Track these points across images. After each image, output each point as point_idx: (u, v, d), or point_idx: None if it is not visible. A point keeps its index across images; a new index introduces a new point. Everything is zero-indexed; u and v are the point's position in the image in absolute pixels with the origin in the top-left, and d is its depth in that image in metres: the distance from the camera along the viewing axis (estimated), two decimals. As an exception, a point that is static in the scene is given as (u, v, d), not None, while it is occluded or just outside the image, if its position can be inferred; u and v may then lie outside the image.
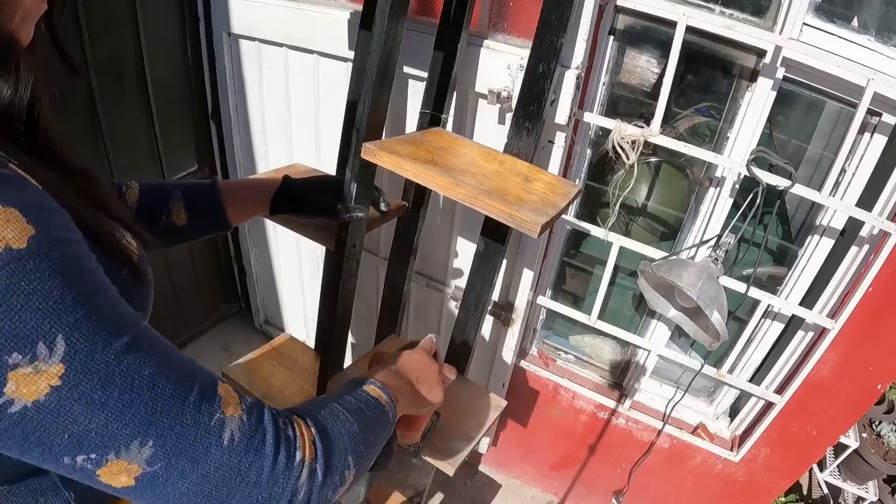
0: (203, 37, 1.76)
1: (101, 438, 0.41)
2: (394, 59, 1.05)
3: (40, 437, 0.39)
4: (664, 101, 1.26)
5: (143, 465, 0.43)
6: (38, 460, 0.41)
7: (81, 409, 0.39)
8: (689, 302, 1.32)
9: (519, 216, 0.89)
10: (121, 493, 0.45)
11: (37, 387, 0.37)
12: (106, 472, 0.42)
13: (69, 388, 0.39)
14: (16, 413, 0.38)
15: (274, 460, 0.49)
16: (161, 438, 0.43)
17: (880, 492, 2.25)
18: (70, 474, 0.43)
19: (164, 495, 0.45)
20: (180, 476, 0.44)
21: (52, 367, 0.38)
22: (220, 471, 0.46)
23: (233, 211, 0.97)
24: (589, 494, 2.14)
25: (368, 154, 1.00)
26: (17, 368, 0.36)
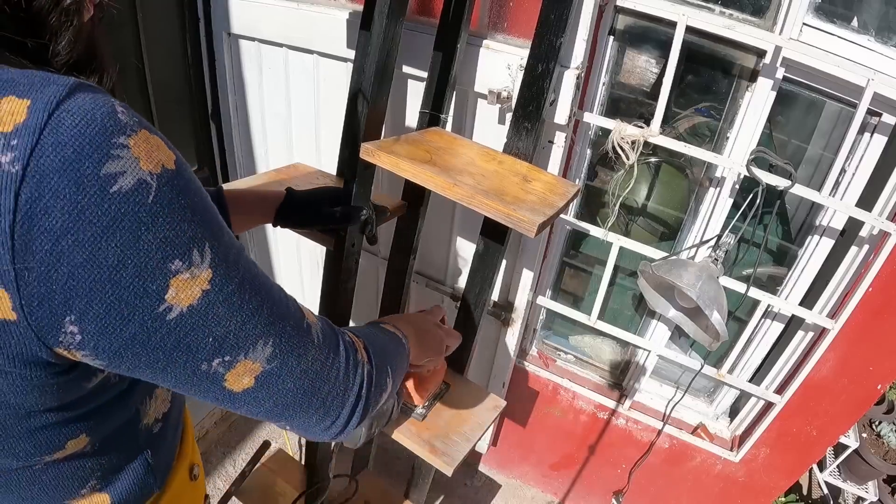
0: (203, 37, 1.76)
1: (236, 339, 0.46)
2: (392, 59, 1.05)
3: (189, 342, 0.43)
4: (664, 101, 1.26)
5: (263, 364, 0.49)
6: (179, 370, 0.45)
7: (225, 310, 0.44)
8: (689, 302, 1.32)
9: (516, 216, 0.89)
10: (238, 398, 0.50)
11: (192, 291, 0.42)
12: (233, 374, 0.47)
13: (216, 291, 0.43)
14: (173, 319, 0.41)
15: (346, 358, 0.57)
16: (278, 338, 0.49)
17: (880, 492, 2.25)
18: (197, 385, 0.47)
19: (276, 393, 0.51)
20: (289, 372, 0.51)
21: (203, 273, 0.42)
22: (315, 365, 0.53)
23: (236, 220, 0.99)
24: (589, 494, 2.14)
25: (367, 154, 1.00)
26: (178, 275, 0.40)
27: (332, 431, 0.58)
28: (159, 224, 0.39)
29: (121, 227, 0.37)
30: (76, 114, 0.35)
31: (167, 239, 0.39)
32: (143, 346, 0.42)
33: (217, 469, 2.06)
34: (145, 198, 0.38)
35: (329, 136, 1.71)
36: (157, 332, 0.41)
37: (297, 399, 0.53)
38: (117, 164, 0.36)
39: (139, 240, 0.38)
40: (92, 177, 0.35)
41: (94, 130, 0.36)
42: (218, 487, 2.00)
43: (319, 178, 1.39)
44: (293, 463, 1.67)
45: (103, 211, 0.36)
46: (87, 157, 0.35)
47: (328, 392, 0.55)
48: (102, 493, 0.60)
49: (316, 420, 0.56)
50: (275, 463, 1.65)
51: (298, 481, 1.59)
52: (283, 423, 0.55)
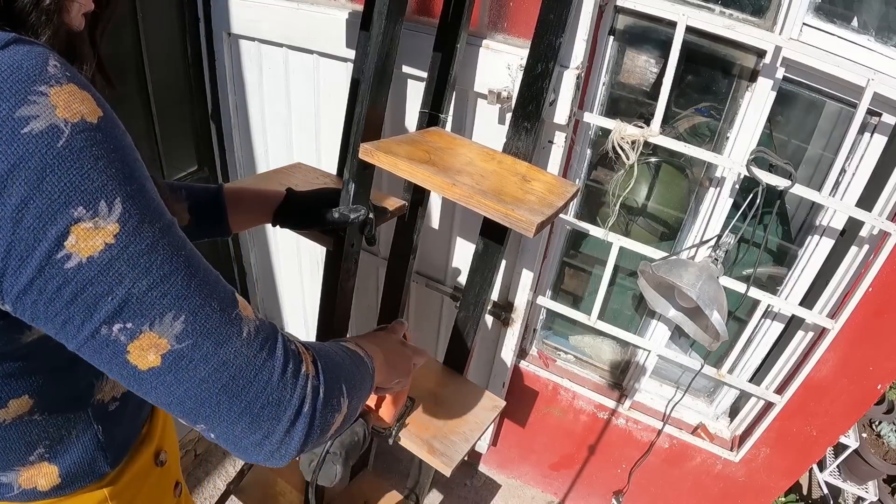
0: (203, 37, 1.76)
1: (140, 305, 0.43)
2: (392, 59, 1.05)
3: (87, 297, 0.42)
4: (664, 101, 1.26)
5: (172, 342, 0.45)
6: (77, 328, 0.43)
7: (128, 270, 0.42)
8: (689, 302, 1.32)
9: (514, 216, 0.89)
10: (144, 379, 0.46)
11: (94, 242, 0.41)
12: (136, 346, 0.44)
13: (121, 247, 0.42)
14: (71, 269, 0.40)
15: (284, 365, 0.51)
16: (192, 315, 0.46)
17: (880, 492, 2.24)
18: (98, 352, 0.45)
19: (186, 381, 0.47)
20: (203, 359, 0.47)
21: (109, 226, 0.41)
22: (238, 360, 0.48)
23: (235, 219, 0.99)
24: (589, 495, 2.14)
25: (366, 154, 1.00)
26: (80, 222, 0.40)
27: (266, 449, 0.51)
28: (66, 169, 0.39)
29: (26, 166, 0.38)
30: (3, 63, 0.37)
31: (72, 184, 0.39)
32: (41, 294, 0.41)
33: (217, 469, 2.06)
34: (55, 142, 0.38)
35: (329, 135, 1.71)
36: (53, 279, 0.41)
37: (214, 395, 0.48)
38: (32, 109, 0.37)
39: (43, 181, 0.38)
40: (5, 118, 0.37)
41: (17, 77, 0.37)
42: (218, 487, 2.00)
43: (320, 178, 1.39)
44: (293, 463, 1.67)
45: (11, 150, 0.37)
46: (4, 100, 0.37)
47: (256, 397, 0.49)
48: (51, 463, 0.61)
49: (243, 430, 0.50)
50: (275, 463, 1.65)
51: (299, 481, 1.59)
52: (202, 425, 0.50)
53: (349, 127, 1.37)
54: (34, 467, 0.60)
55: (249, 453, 0.52)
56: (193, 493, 1.96)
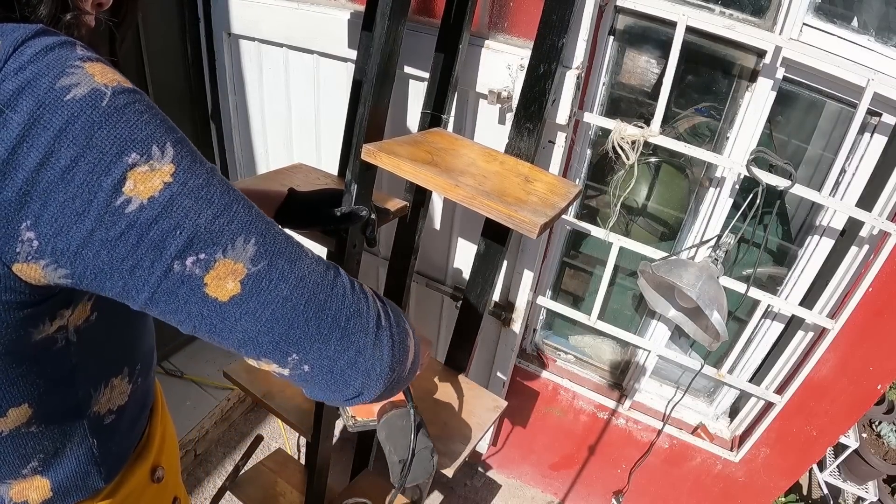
0: (203, 37, 1.76)
1: (209, 234, 0.44)
2: (394, 60, 1.05)
3: (154, 236, 0.42)
4: (664, 101, 1.26)
5: (247, 265, 0.45)
6: (147, 271, 0.43)
7: (191, 203, 0.43)
8: (689, 302, 1.32)
9: (518, 217, 0.89)
10: (227, 310, 0.46)
11: (152, 183, 0.41)
12: (213, 277, 0.44)
13: (180, 184, 0.42)
14: (132, 212, 0.41)
15: (350, 282, 0.53)
16: (261, 237, 0.47)
17: (880, 492, 2.25)
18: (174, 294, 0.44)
19: (271, 302, 0.47)
20: (281, 277, 0.47)
21: (165, 167, 0.42)
22: (314, 275, 0.49)
23: None
24: (589, 495, 2.14)
25: (368, 155, 1.00)
26: (136, 167, 0.40)
27: (361, 369, 0.52)
28: (113, 123, 0.40)
29: (73, 128, 0.38)
30: (37, 46, 0.38)
31: (122, 136, 0.40)
32: (104, 243, 0.41)
33: (217, 469, 2.06)
34: (99, 102, 0.39)
35: (329, 136, 1.71)
36: (115, 225, 0.41)
37: (301, 313, 0.48)
38: (72, 78, 0.39)
39: (92, 138, 0.39)
40: (47, 90, 0.38)
41: (52, 57, 0.39)
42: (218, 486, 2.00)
43: (321, 179, 1.39)
44: (293, 463, 1.67)
45: (57, 116, 0.38)
46: (44, 75, 0.38)
47: (339, 309, 0.50)
48: (44, 476, 0.60)
49: (335, 349, 0.50)
50: (275, 463, 1.65)
51: (299, 482, 1.59)
52: (295, 355, 0.49)
53: (351, 127, 1.37)
54: (26, 480, 0.59)
55: (347, 379, 0.52)
56: (193, 492, 1.96)
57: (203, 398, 2.14)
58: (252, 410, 2.31)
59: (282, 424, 2.27)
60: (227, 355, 2.45)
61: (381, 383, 0.54)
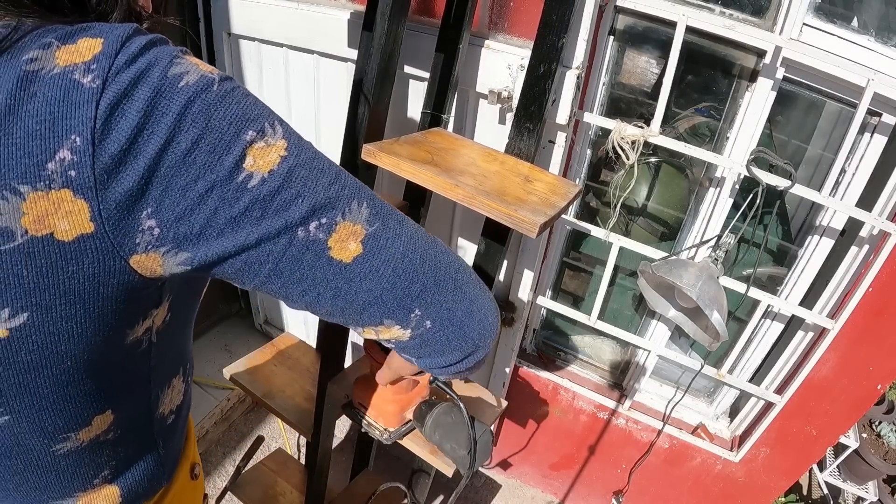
0: (203, 37, 1.76)
1: (328, 199, 0.46)
2: (395, 60, 1.05)
3: (277, 206, 0.43)
4: (664, 101, 1.26)
5: (365, 226, 0.48)
6: (274, 240, 0.44)
7: (308, 173, 0.45)
8: (689, 302, 1.32)
9: (517, 216, 0.90)
10: (353, 271, 0.48)
11: (270, 157, 0.43)
12: (336, 240, 0.47)
13: (294, 156, 0.44)
14: (255, 186, 0.42)
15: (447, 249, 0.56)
16: (371, 200, 0.50)
17: (880, 492, 2.25)
18: (300, 262, 0.46)
19: (391, 259, 0.50)
20: (395, 235, 0.50)
21: (279, 142, 0.44)
22: (420, 234, 0.53)
23: None
24: (589, 495, 2.14)
25: (368, 155, 1.00)
26: (253, 144, 0.42)
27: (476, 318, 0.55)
28: (227, 105, 0.41)
29: (191, 111, 0.40)
30: (141, 42, 0.40)
31: (237, 115, 0.42)
32: (228, 221, 0.42)
33: (217, 469, 2.06)
34: (210, 87, 0.41)
35: (329, 136, 1.71)
36: (239, 201, 0.42)
37: (418, 266, 0.51)
38: (181, 67, 0.40)
39: (210, 119, 0.40)
40: (161, 78, 0.39)
41: (158, 51, 0.40)
42: (218, 487, 2.00)
43: (320, 179, 1.39)
44: (294, 463, 1.67)
45: (174, 102, 0.39)
46: (155, 65, 0.39)
47: (449, 262, 0.54)
48: (113, 484, 0.59)
49: (454, 300, 0.54)
50: (275, 463, 1.65)
51: (299, 482, 1.59)
52: (418, 310, 0.52)
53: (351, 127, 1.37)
54: (95, 491, 0.58)
55: (465, 329, 0.55)
56: (193, 493, 1.96)
57: (203, 398, 2.14)
58: (252, 410, 2.31)
59: (282, 424, 2.27)
60: (228, 355, 2.45)
61: (494, 332, 0.57)
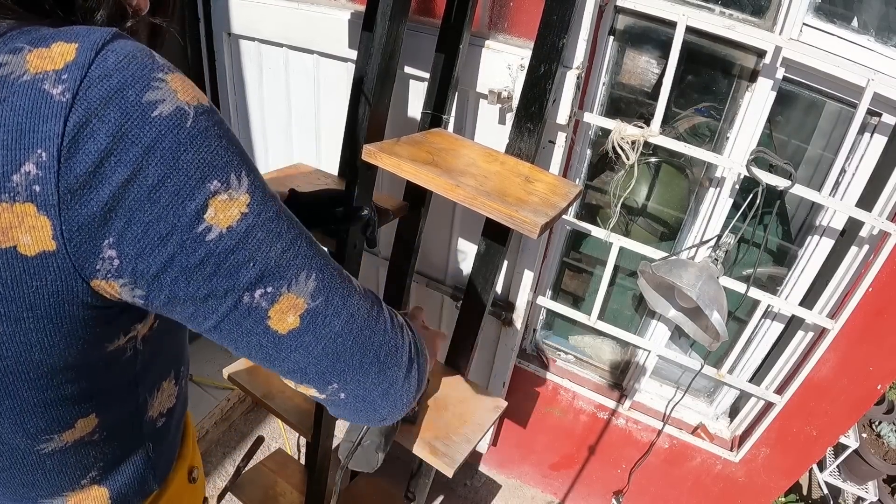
0: (203, 37, 1.76)
1: (278, 267, 0.45)
2: (395, 60, 1.05)
3: (229, 266, 0.43)
4: (664, 101, 1.26)
5: (308, 300, 0.47)
6: (220, 300, 0.44)
7: (264, 235, 0.44)
8: (689, 302, 1.32)
9: (518, 217, 0.90)
10: (284, 342, 0.48)
11: (231, 213, 0.42)
12: (277, 310, 0.46)
13: (254, 215, 0.43)
14: (212, 240, 0.41)
15: (390, 315, 0.57)
16: (320, 273, 0.49)
17: (880, 492, 2.25)
18: (239, 324, 0.46)
19: (324, 337, 0.49)
20: (335, 313, 0.50)
21: (241, 196, 0.43)
22: (361, 312, 0.52)
23: None
24: (589, 495, 2.14)
25: (369, 156, 1.00)
26: (217, 195, 0.41)
27: (391, 398, 0.56)
28: (197, 146, 0.40)
29: (161, 147, 0.38)
30: (119, 52, 0.38)
31: (205, 161, 0.40)
32: (182, 270, 0.42)
33: (217, 469, 2.06)
34: (184, 122, 0.39)
35: (329, 136, 1.71)
36: (195, 252, 0.41)
37: (348, 348, 0.51)
38: (157, 94, 0.38)
39: (178, 160, 0.39)
40: (135, 103, 0.37)
41: (136, 66, 0.38)
42: (217, 487, 2.00)
43: (321, 179, 1.39)
44: (294, 463, 1.67)
45: (145, 133, 0.38)
46: (130, 86, 0.38)
47: (381, 345, 0.54)
48: (101, 486, 0.59)
49: (372, 381, 0.54)
50: (275, 463, 1.65)
51: (299, 482, 1.59)
52: (335, 384, 0.52)
53: (351, 128, 1.37)
54: (84, 491, 0.58)
55: (377, 407, 0.56)
56: (193, 493, 1.96)
57: (203, 398, 2.14)
58: (252, 411, 2.31)
59: (282, 425, 2.27)
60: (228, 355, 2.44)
61: (404, 410, 0.58)
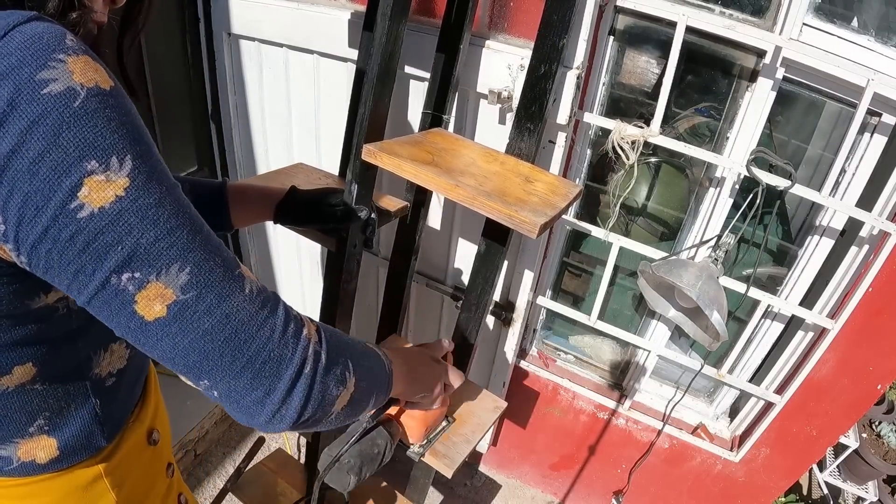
0: (203, 37, 1.76)
1: (147, 255, 0.46)
2: (395, 60, 1.05)
3: (98, 246, 0.44)
4: (664, 101, 1.26)
5: (177, 292, 0.47)
6: (88, 277, 0.45)
7: (137, 221, 0.45)
8: (689, 302, 1.32)
9: (518, 217, 0.90)
10: (150, 330, 0.48)
11: (105, 194, 0.43)
12: (143, 297, 0.46)
13: (130, 200, 0.44)
14: (83, 218, 0.43)
15: (285, 325, 0.54)
16: (196, 268, 0.48)
17: (880, 492, 2.25)
18: (107, 303, 0.47)
19: (191, 332, 0.49)
20: (207, 311, 0.49)
21: (120, 180, 0.44)
22: (241, 315, 0.51)
23: (237, 213, 0.99)
24: (589, 495, 2.14)
25: (369, 155, 1.00)
26: (93, 175, 0.42)
27: (268, 409, 0.52)
28: (80, 126, 0.42)
29: (44, 122, 0.40)
30: (26, 34, 0.41)
31: (86, 141, 0.42)
32: (55, 242, 0.43)
33: (217, 469, 2.06)
34: (71, 102, 0.41)
35: (329, 136, 1.71)
36: (66, 227, 0.43)
37: (217, 348, 0.50)
38: (51, 73, 0.41)
39: (59, 136, 0.41)
40: (27, 80, 0.40)
41: (38, 46, 0.41)
42: (218, 487, 2.00)
43: (321, 179, 1.39)
44: (294, 463, 1.67)
45: (32, 108, 0.40)
46: (27, 64, 0.40)
47: (258, 352, 0.51)
48: (50, 436, 0.62)
49: (244, 387, 0.51)
50: (275, 463, 1.65)
51: (299, 482, 1.59)
52: (206, 381, 0.51)
53: (351, 127, 1.37)
54: (33, 440, 0.61)
55: (252, 413, 0.53)
56: (194, 492, 1.96)
57: (203, 398, 2.13)
58: (252, 410, 2.31)
59: (282, 424, 2.27)
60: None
61: (285, 425, 0.54)
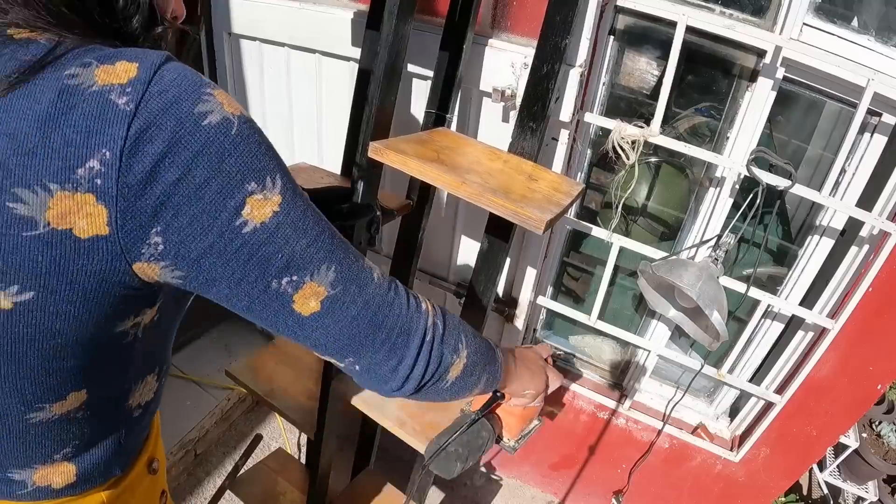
0: (203, 37, 1.76)
1: (302, 260, 0.52)
2: (401, 58, 1.05)
3: (261, 256, 0.50)
4: (664, 101, 1.26)
5: (328, 288, 0.55)
6: (251, 284, 0.51)
7: (291, 232, 0.51)
8: (689, 302, 1.32)
9: (524, 213, 0.90)
10: (307, 323, 0.55)
11: (264, 210, 0.49)
12: (301, 296, 0.53)
13: (284, 213, 0.50)
14: (247, 233, 0.48)
15: (407, 302, 0.63)
16: (340, 265, 0.56)
17: (880, 492, 2.26)
18: (268, 305, 0.53)
19: (342, 320, 0.57)
20: (352, 300, 0.57)
21: (274, 197, 0.50)
22: (376, 299, 0.59)
23: None
24: (589, 494, 2.14)
25: (375, 153, 1.00)
26: (253, 195, 0.48)
27: (399, 375, 0.61)
28: (239, 152, 0.47)
29: (209, 152, 0.45)
30: (173, 71, 0.45)
31: (245, 164, 0.47)
32: (220, 256, 0.48)
33: (217, 469, 2.05)
34: (229, 130, 0.46)
35: (331, 135, 1.71)
36: (232, 242, 0.48)
37: (363, 329, 0.58)
38: (206, 106, 0.45)
39: (223, 163, 0.46)
40: (188, 114, 0.44)
41: (188, 82, 0.45)
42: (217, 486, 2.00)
43: (325, 178, 1.39)
44: (294, 463, 1.67)
45: (195, 139, 0.44)
46: (184, 100, 0.44)
47: (393, 327, 0.60)
48: (71, 462, 0.62)
49: (383, 357, 0.60)
50: (276, 462, 1.64)
51: (300, 481, 1.59)
52: (351, 358, 0.59)
53: (355, 126, 1.37)
54: (54, 465, 0.61)
55: (386, 380, 0.62)
56: (193, 492, 1.96)
57: (203, 398, 2.14)
58: (252, 410, 2.30)
59: (282, 424, 2.27)
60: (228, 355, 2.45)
61: (411, 386, 0.63)
